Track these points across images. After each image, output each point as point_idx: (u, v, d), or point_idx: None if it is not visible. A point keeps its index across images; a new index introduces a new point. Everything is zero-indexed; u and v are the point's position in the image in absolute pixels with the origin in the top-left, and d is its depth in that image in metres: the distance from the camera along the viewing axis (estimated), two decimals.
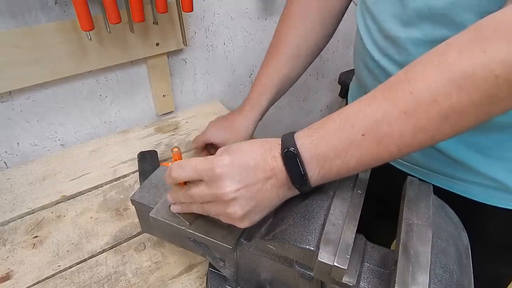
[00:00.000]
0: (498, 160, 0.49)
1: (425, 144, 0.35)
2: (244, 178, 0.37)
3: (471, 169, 0.51)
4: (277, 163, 0.38)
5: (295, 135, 0.38)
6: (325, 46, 0.71)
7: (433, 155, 0.53)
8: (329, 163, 0.37)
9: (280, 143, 0.39)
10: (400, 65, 0.48)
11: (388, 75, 0.51)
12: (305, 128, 0.39)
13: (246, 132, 0.70)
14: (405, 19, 0.46)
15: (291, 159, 0.37)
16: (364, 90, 0.61)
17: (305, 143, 0.37)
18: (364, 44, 0.55)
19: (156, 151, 0.81)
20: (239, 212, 0.37)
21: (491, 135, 0.48)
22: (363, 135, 0.35)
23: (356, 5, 0.61)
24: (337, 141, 0.36)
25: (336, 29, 0.70)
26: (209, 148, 0.76)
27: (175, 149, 0.48)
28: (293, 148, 0.37)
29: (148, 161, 0.79)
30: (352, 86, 0.73)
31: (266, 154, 0.39)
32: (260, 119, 0.72)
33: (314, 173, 0.38)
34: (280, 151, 0.38)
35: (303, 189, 0.39)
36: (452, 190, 0.54)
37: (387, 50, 0.50)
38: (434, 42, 0.37)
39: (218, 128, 0.73)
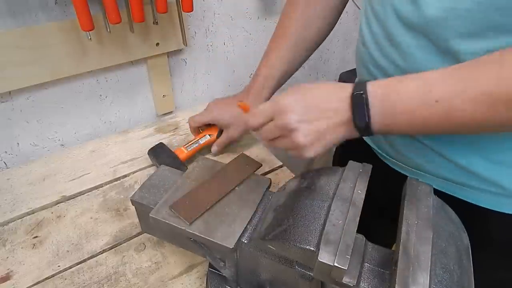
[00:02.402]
0: (504, 165, 0.49)
1: (490, 130, 0.39)
2: (305, 113, 0.41)
3: (477, 175, 0.50)
4: (343, 104, 0.41)
5: (369, 83, 0.41)
6: (326, 37, 0.71)
7: (438, 160, 0.52)
8: (394, 116, 0.39)
9: (353, 86, 0.41)
10: (404, 70, 0.47)
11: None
12: (383, 79, 0.41)
13: None
14: (414, 25, 0.45)
15: (359, 101, 0.40)
16: None
17: (377, 91, 0.40)
18: (368, 49, 0.53)
19: (163, 143, 0.81)
20: (302, 140, 0.41)
21: (497, 141, 0.47)
22: (436, 101, 0.37)
23: (359, 8, 0.60)
24: (409, 98, 0.38)
25: (338, 18, 0.70)
26: (203, 129, 0.80)
27: (241, 104, 0.59)
28: (362, 92, 0.40)
29: (162, 154, 0.79)
30: None
31: (332, 96, 0.42)
32: None
33: (377, 121, 0.40)
34: (350, 93, 0.41)
35: (364, 133, 0.42)
36: (456, 196, 0.54)
37: (391, 55, 0.49)
38: (444, 51, 0.39)
39: (223, 110, 0.75)
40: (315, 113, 0.41)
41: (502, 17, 0.38)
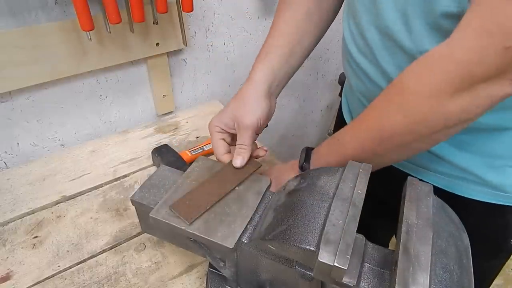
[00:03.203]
0: (476, 154, 0.51)
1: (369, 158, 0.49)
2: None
3: (450, 163, 0.53)
4: (296, 164, 0.59)
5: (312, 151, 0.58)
6: (320, 39, 0.66)
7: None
8: (319, 159, 0.55)
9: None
10: (375, 64, 0.52)
11: (365, 73, 0.55)
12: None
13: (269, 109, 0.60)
14: (379, 25, 0.49)
15: (303, 153, 0.58)
16: (352, 89, 0.62)
17: (314, 150, 0.57)
18: (347, 45, 0.57)
19: (167, 144, 0.82)
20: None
21: (470, 133, 0.49)
22: (338, 140, 0.52)
23: None
24: (324, 146, 0.56)
25: (332, 21, 0.66)
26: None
27: None
28: (308, 149, 0.58)
29: (167, 154, 0.79)
30: (345, 85, 0.74)
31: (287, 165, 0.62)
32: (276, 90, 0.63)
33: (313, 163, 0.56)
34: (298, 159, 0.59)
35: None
36: (433, 183, 0.55)
37: (367, 54, 0.53)
38: (402, 48, 0.46)
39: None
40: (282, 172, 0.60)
41: (448, 21, 0.39)
